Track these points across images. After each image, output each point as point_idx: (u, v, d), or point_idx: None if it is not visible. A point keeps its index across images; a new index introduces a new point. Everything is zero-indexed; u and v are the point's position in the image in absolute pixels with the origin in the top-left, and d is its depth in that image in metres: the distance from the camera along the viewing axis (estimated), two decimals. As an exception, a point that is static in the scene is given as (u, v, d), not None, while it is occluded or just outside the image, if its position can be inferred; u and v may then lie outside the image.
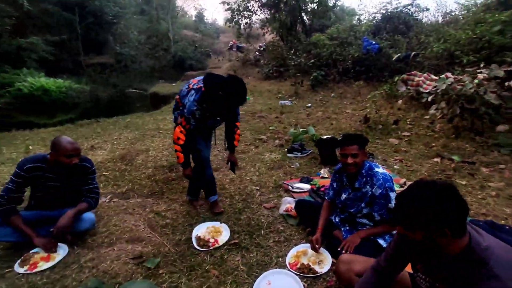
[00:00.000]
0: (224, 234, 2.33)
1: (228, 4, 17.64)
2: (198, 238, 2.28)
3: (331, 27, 11.86)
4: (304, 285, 1.78)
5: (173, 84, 14.51)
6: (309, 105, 7.11)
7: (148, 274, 1.94)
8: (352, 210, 2.05)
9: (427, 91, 5.64)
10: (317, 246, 1.99)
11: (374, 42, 8.18)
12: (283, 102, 7.74)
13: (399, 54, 7.61)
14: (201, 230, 2.39)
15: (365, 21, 13.94)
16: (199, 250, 2.17)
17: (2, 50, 12.77)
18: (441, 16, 11.57)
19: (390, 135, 4.69)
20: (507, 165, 3.32)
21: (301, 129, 4.53)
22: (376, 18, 10.87)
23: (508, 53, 5.17)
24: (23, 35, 13.97)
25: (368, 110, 5.53)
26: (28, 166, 2.07)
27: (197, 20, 34.84)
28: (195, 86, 2.33)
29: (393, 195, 1.89)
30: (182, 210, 2.74)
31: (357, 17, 16.54)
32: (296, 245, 2.18)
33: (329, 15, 14.98)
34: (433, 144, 4.07)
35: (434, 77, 5.78)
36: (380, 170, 1.99)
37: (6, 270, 1.97)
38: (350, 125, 5.29)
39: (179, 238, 2.33)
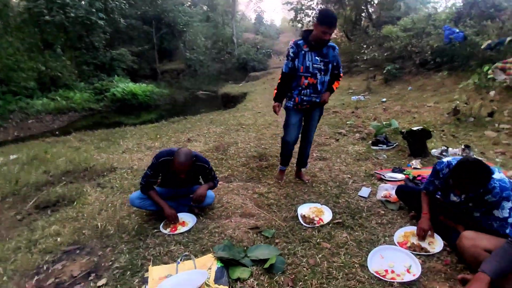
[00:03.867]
0: (326, 214, 2.54)
1: (291, 4, 17.87)
2: (303, 216, 2.53)
3: (403, 18, 11.19)
4: (418, 261, 1.89)
5: (240, 85, 15.33)
6: (384, 99, 6.92)
7: (267, 242, 2.25)
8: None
9: (530, 79, 5.07)
10: (425, 234, 2.04)
11: (457, 31, 7.53)
12: (355, 97, 7.65)
13: (489, 42, 6.88)
14: (304, 209, 2.63)
15: (441, 8, 12.83)
16: (306, 226, 2.41)
17: (99, 61, 15.01)
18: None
19: (485, 127, 4.37)
20: None
21: (384, 123, 4.50)
22: (457, 5, 9.92)
23: None
24: (112, 47, 16.23)
25: (458, 102, 5.19)
26: (162, 159, 2.49)
27: (256, 23, 35.82)
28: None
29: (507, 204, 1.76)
30: (282, 193, 3.03)
31: (431, 4, 15.26)
32: (401, 227, 2.29)
33: (398, 5, 14.14)
34: (543, 136, 3.69)
35: (539, 64, 5.15)
36: (497, 176, 1.82)
37: (155, 231, 2.48)
38: (435, 118, 5.05)
39: (285, 215, 2.61)
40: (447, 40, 7.52)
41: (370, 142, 4.23)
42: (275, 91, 2.85)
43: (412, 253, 1.96)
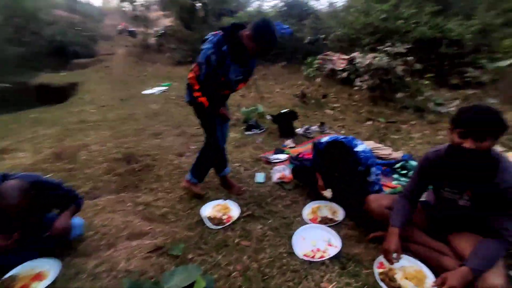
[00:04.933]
0: (233, 209, 2.33)
1: (119, -19, 15.72)
2: (210, 218, 2.21)
3: (240, 12, 12.10)
4: (334, 232, 2.00)
5: (63, 74, 12.22)
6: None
7: (178, 262, 1.81)
8: None
9: (341, 68, 6.58)
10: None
11: (287, 26, 8.84)
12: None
13: (309, 37, 8.48)
14: (208, 210, 2.32)
15: (267, 7, 14.74)
16: (216, 228, 2.12)
17: None
18: (328, 5, 13.33)
19: (323, 107, 5.33)
20: (416, 121, 4.30)
21: (251, 108, 4.67)
22: (280, 5, 11.65)
23: (395, 36, 6.50)
24: None
25: (303, 87, 6.08)
26: None
27: (69, -1, 29.49)
28: (213, 33, 2.10)
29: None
30: (174, 197, 2.56)
31: (257, 2, 17.29)
32: (304, 204, 2.38)
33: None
34: (361, 111, 4.87)
35: (345, 56, 6.76)
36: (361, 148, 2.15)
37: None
38: (288, 101, 5.73)
39: (188, 222, 2.21)
40: (280, 34, 8.69)
41: (243, 128, 4.29)
42: (203, 99, 2.17)
43: (325, 226, 2.07)
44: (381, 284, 1.55)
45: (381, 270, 1.64)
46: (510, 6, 5.84)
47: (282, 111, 3.86)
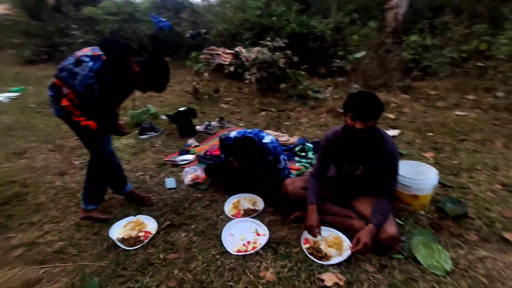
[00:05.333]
0: (149, 223, 2.10)
1: None
2: (123, 240, 1.94)
3: (105, 1, 10.64)
4: (259, 222, 2.08)
5: None
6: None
7: (97, 300, 1.52)
8: None
9: (228, 63, 6.75)
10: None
11: (164, 19, 8.37)
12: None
13: (190, 32, 8.30)
14: (119, 231, 2.02)
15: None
16: (133, 249, 1.88)
17: None
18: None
19: (218, 102, 5.38)
20: (300, 108, 4.87)
21: (142, 109, 4.26)
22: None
23: (270, 32, 7.12)
24: None
25: (193, 83, 5.91)
26: None
27: None
28: (88, 54, 1.72)
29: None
30: (68, 226, 2.10)
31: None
32: (223, 201, 2.37)
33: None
34: (254, 103, 5.15)
35: (230, 51, 6.96)
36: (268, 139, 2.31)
37: None
38: (180, 99, 5.49)
39: (97, 251, 1.87)
40: (158, 28, 8.17)
41: (136, 132, 3.88)
42: (89, 122, 1.82)
43: (249, 218, 2.13)
44: (311, 257, 1.72)
45: (307, 245, 1.81)
46: (353, 7, 7.28)
47: (180, 110, 3.68)
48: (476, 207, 2.12)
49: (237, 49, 6.76)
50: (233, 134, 2.40)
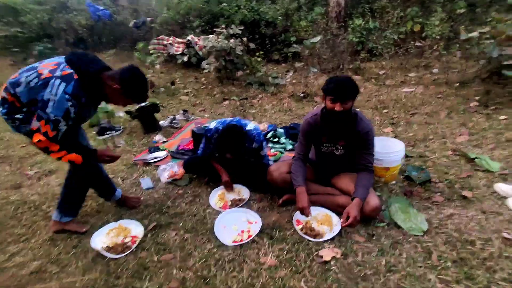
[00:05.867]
0: (133, 227, 1.99)
1: None
2: (109, 248, 1.82)
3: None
4: (249, 210, 2.10)
5: None
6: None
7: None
8: None
9: (179, 52, 6.47)
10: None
11: (102, 8, 7.63)
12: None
13: (135, 20, 7.71)
14: (102, 240, 1.88)
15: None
16: (123, 256, 1.78)
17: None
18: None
19: (176, 94, 5.17)
20: (262, 94, 4.91)
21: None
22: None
23: (221, 19, 6.96)
24: None
25: (148, 76, 5.55)
26: None
27: None
28: (57, 73, 1.51)
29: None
30: (40, 243, 1.90)
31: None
32: (207, 195, 2.34)
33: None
34: (214, 93, 5.05)
35: (180, 40, 6.66)
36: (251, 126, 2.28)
37: None
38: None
39: (81, 264, 1.73)
40: (96, 17, 7.44)
41: (94, 132, 3.57)
42: (72, 156, 1.70)
43: (238, 207, 2.14)
44: (306, 237, 1.81)
45: (300, 226, 1.90)
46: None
47: (142, 105, 3.46)
48: (436, 172, 2.40)
49: (189, 37, 6.51)
50: (213, 125, 2.33)
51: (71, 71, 1.55)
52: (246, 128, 2.22)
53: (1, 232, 2.01)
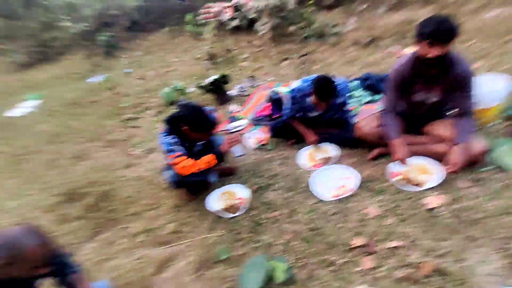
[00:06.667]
0: (238, 191, 2.25)
1: None
2: (227, 209, 2.10)
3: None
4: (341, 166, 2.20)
5: None
6: (130, 70, 6.34)
7: (230, 264, 1.74)
8: None
9: (230, 18, 6.40)
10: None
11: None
12: (91, 80, 6.44)
13: (177, -7, 7.76)
14: (217, 203, 2.18)
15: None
16: (238, 215, 2.05)
17: None
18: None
19: (235, 62, 5.25)
20: (322, 47, 4.70)
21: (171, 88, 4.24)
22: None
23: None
24: None
25: (206, 48, 5.72)
26: None
27: None
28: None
29: None
30: (167, 211, 2.28)
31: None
32: (295, 156, 2.48)
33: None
34: (271, 54, 5.01)
35: (228, 4, 6.55)
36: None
37: None
38: (197, 68, 5.38)
39: (206, 225, 2.05)
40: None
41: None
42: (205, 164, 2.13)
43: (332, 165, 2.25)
44: (406, 188, 1.86)
45: (397, 178, 1.94)
46: None
47: (214, 78, 3.65)
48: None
49: (234, 0, 6.35)
50: (295, 85, 2.38)
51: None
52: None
53: (135, 203, 2.46)
